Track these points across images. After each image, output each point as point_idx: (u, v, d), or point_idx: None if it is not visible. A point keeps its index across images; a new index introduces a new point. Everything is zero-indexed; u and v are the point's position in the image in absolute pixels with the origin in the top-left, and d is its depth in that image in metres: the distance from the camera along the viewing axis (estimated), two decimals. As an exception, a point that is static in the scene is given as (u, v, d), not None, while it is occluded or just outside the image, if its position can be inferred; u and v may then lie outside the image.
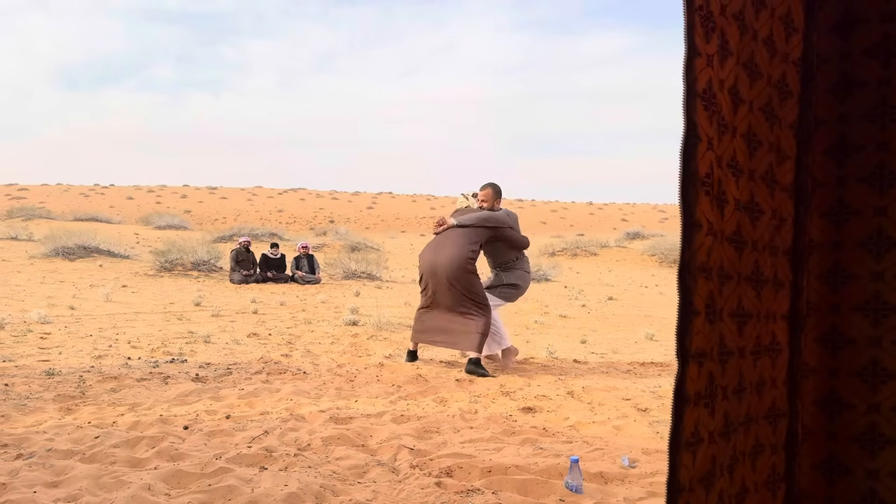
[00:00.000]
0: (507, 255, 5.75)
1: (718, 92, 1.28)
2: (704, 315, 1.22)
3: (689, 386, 1.17)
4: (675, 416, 1.17)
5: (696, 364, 1.20)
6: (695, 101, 1.17)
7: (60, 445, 3.26)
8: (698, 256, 1.18)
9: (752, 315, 1.42)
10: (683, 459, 1.18)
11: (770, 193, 1.48)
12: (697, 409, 1.22)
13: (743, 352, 1.39)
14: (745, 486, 1.47)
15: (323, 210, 61.07)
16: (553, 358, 6.33)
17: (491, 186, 5.77)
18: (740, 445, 1.44)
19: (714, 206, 1.22)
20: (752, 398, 1.47)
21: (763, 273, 1.45)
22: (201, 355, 5.94)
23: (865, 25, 1.54)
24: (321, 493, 2.75)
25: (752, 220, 1.42)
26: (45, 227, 21.82)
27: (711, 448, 1.27)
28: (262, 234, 25.38)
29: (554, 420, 4.12)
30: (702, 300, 1.20)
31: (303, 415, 4.02)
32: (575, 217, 64.90)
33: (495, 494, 2.78)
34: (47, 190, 65.27)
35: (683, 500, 1.20)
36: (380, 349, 6.52)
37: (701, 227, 1.19)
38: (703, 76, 1.19)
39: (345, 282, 14.68)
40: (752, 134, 1.42)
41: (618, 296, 13.39)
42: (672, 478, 1.17)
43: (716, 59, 1.25)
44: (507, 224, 5.64)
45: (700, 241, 1.19)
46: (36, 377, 4.75)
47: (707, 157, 1.20)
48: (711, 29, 1.22)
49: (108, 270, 14.43)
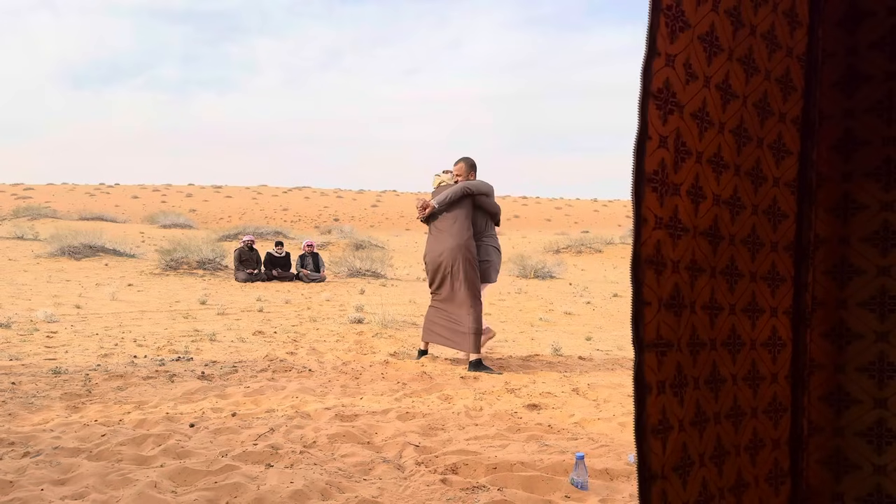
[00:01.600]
0: (479, 224, 5.76)
1: (702, 89, 1.30)
2: (661, 306, 1.25)
3: (647, 374, 1.21)
4: (637, 404, 1.20)
5: (656, 353, 1.23)
6: (648, 100, 1.20)
7: (67, 443, 3.27)
8: (644, 250, 1.21)
9: (725, 308, 1.43)
10: (652, 446, 1.21)
11: (754, 190, 1.48)
12: (663, 397, 1.24)
13: (714, 343, 1.40)
14: (743, 480, 1.47)
15: (328, 208, 61.13)
16: (558, 355, 6.33)
17: (464, 160, 5.87)
18: (731, 438, 1.44)
19: (662, 201, 1.25)
20: (739, 391, 1.47)
21: (738, 267, 1.46)
22: (207, 353, 5.95)
23: (872, 19, 1.53)
24: (327, 490, 2.76)
25: (732, 216, 1.42)
26: (51, 227, 21.90)
27: (682, 436, 1.28)
28: (266, 232, 25.41)
29: (559, 417, 4.12)
30: (652, 292, 1.23)
31: (308, 412, 4.03)
32: (580, 214, 64.80)
33: (501, 491, 2.78)
34: (53, 189, 65.51)
35: (658, 487, 1.22)
36: (385, 347, 6.53)
37: (647, 221, 1.21)
38: (660, 76, 1.22)
39: (350, 280, 14.69)
40: (742, 129, 1.42)
41: (623, 293, 13.37)
42: (642, 464, 1.20)
43: (686, 57, 1.26)
44: (483, 191, 5.71)
45: (647, 234, 1.22)
46: (42, 376, 4.77)
47: (657, 154, 1.23)
48: (680, 28, 1.24)
49: (113, 269, 14.48)
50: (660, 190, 1.24)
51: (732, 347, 1.45)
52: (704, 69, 1.30)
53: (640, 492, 1.20)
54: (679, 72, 1.25)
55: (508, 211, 60.39)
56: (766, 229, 1.51)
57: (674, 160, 1.26)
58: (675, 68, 1.24)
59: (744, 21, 1.37)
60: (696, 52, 1.28)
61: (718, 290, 1.41)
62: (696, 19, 1.27)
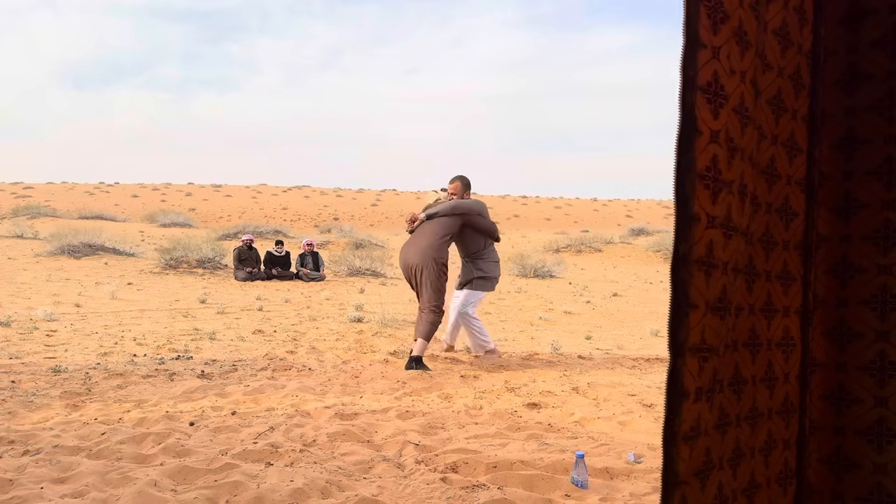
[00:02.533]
0: (477, 244, 5.85)
1: (740, 84, 1.27)
2: (708, 309, 1.22)
3: (687, 380, 1.17)
4: (669, 410, 1.17)
5: (699, 359, 1.20)
6: (695, 94, 1.17)
7: (67, 442, 3.27)
8: (697, 250, 1.18)
9: (745, 308, 1.42)
10: (681, 452, 1.18)
11: (768, 188, 1.47)
12: (699, 404, 1.21)
13: (736, 345, 1.39)
14: (755, 482, 1.46)
15: (327, 207, 61.12)
16: (558, 354, 6.33)
17: (460, 179, 5.95)
18: (747, 440, 1.43)
19: (715, 199, 1.21)
20: (758, 393, 1.46)
21: (755, 267, 1.44)
22: (207, 352, 5.95)
23: (873, 17, 1.52)
24: (327, 488, 2.76)
25: (752, 215, 1.42)
26: (51, 226, 21.89)
27: (706, 441, 1.27)
28: (266, 231, 25.40)
29: (559, 416, 4.12)
30: (700, 294, 1.19)
31: (308, 411, 4.03)
32: (579, 213, 64.78)
33: (501, 490, 2.78)
34: (52, 188, 65.48)
35: (680, 493, 1.20)
36: (384, 346, 6.53)
37: (699, 220, 1.19)
38: (708, 68, 1.18)
39: (349, 279, 14.69)
40: (760, 126, 1.41)
41: (622, 292, 13.37)
42: (668, 470, 1.17)
43: (728, 51, 1.24)
44: (475, 211, 5.77)
45: (700, 234, 1.18)
46: (42, 374, 4.77)
47: (709, 150, 1.19)
48: (721, 20, 1.21)
49: (113, 268, 14.48)
50: (713, 187, 1.20)
51: (752, 348, 1.44)
52: (739, 64, 1.28)
53: (664, 497, 1.18)
54: (724, 65, 1.22)
55: (508, 210, 60.40)
56: (778, 228, 1.50)
57: (727, 156, 1.24)
58: (720, 61, 1.21)
59: (760, 17, 1.37)
60: (732, 46, 1.27)
61: (741, 290, 1.40)
62: (731, 12, 1.25)
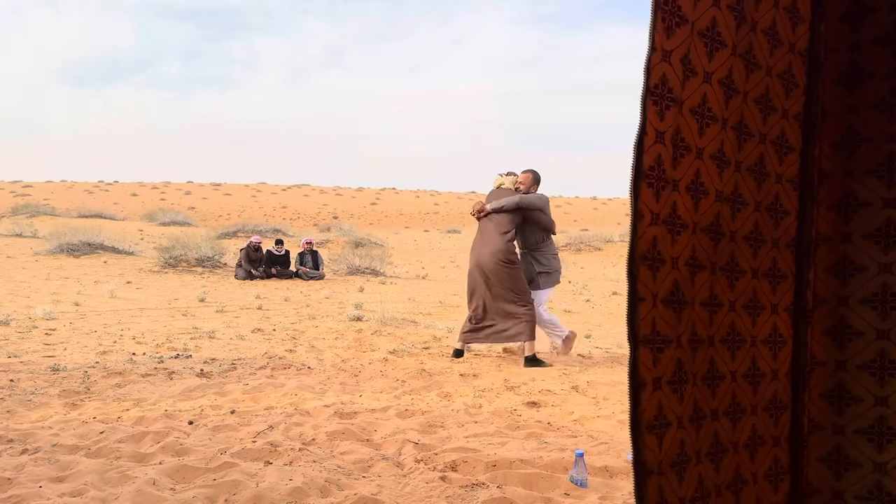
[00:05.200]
0: (536, 237, 5.98)
1: (703, 84, 1.29)
2: (657, 302, 1.24)
3: (642, 370, 1.20)
4: (631, 400, 1.19)
5: (651, 349, 1.23)
6: (647, 97, 1.20)
7: (65, 440, 3.26)
8: (640, 245, 1.21)
9: (724, 304, 1.42)
10: (647, 442, 1.20)
11: (757, 186, 1.47)
12: (659, 393, 1.24)
13: (712, 340, 1.39)
14: (740, 477, 1.46)
15: (327, 206, 61.11)
16: (558, 353, 6.32)
17: (531, 172, 6.10)
18: (728, 435, 1.43)
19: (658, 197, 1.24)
20: (739, 388, 1.46)
21: (739, 264, 1.45)
22: (206, 351, 5.95)
23: (874, 15, 1.52)
24: (326, 487, 2.75)
25: (733, 212, 1.42)
26: (50, 224, 21.88)
27: (680, 433, 1.28)
28: (266, 230, 25.38)
29: (559, 414, 4.12)
30: (646, 288, 1.22)
31: (307, 410, 4.02)
32: (579, 212, 64.78)
33: (500, 488, 2.78)
34: (52, 187, 65.45)
35: (654, 483, 1.21)
36: (384, 344, 6.52)
37: (643, 217, 1.21)
38: (657, 71, 1.21)
39: (349, 277, 14.68)
40: (743, 125, 1.41)
41: (622, 291, 13.36)
42: (637, 460, 1.19)
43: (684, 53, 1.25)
44: (537, 206, 5.88)
45: (642, 230, 1.21)
46: (41, 373, 4.77)
47: (653, 150, 1.22)
48: (676, 24, 1.23)
49: (112, 267, 14.47)
50: (656, 185, 1.23)
51: (732, 344, 1.44)
52: (705, 65, 1.29)
53: (636, 487, 1.20)
54: (676, 67, 1.24)
55: (508, 209, 60.28)
56: (767, 226, 1.50)
57: (672, 156, 1.25)
58: (671, 64, 1.23)
59: (746, 16, 1.36)
60: (696, 47, 1.27)
61: (718, 286, 1.40)
62: (696, 14, 1.26)
